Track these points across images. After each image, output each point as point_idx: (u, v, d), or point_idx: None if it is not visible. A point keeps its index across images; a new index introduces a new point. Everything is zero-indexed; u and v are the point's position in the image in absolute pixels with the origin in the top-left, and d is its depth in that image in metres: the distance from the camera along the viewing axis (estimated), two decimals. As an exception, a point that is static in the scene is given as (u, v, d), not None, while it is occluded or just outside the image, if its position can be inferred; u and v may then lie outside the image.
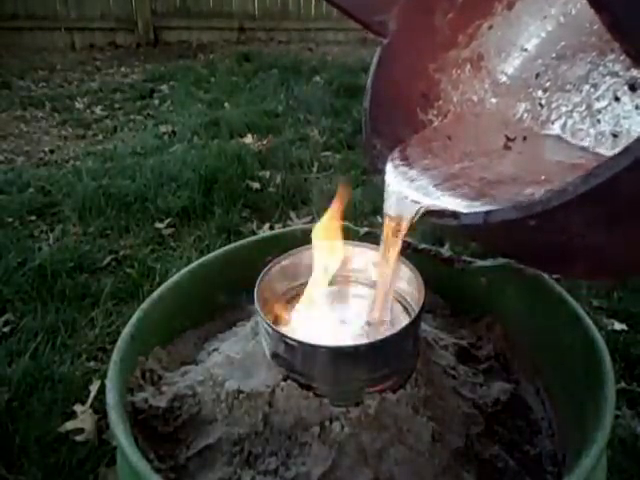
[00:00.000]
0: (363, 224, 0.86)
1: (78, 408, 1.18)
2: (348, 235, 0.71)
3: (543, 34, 0.63)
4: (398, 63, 0.61)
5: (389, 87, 0.61)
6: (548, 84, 0.61)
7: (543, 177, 0.49)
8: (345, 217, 0.68)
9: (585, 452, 0.49)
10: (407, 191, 0.51)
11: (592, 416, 0.54)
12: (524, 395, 0.68)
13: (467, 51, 0.64)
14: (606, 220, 0.36)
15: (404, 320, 0.63)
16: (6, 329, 1.43)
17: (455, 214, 0.45)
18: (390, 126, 0.60)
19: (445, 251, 0.79)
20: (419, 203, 0.49)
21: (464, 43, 0.64)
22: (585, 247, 0.40)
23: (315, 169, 2.37)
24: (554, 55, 0.62)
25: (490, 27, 0.64)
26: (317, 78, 3.58)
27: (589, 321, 0.63)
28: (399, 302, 0.68)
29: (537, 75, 0.62)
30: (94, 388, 1.22)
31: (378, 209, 1.95)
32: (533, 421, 0.65)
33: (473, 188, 0.49)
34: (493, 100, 0.64)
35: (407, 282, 0.66)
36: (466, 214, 0.45)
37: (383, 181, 0.55)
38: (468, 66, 0.64)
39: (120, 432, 0.53)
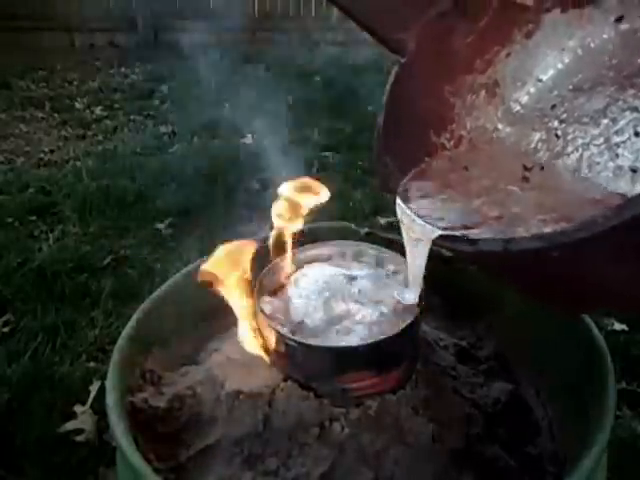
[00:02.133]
0: (363, 224, 0.86)
1: (78, 408, 1.17)
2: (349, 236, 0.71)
3: (560, 65, 0.63)
4: (415, 82, 0.60)
5: (404, 106, 0.60)
6: (564, 115, 0.60)
7: (563, 215, 0.47)
8: (345, 217, 0.67)
9: (585, 453, 0.49)
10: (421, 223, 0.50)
11: (592, 416, 0.54)
12: (524, 395, 0.68)
13: (484, 77, 0.63)
14: (634, 252, 0.36)
15: (404, 320, 0.63)
16: (6, 329, 1.43)
17: (472, 240, 0.44)
18: (402, 145, 0.59)
19: (445, 251, 0.79)
20: (437, 229, 0.48)
21: (481, 68, 0.63)
22: (605, 284, 0.40)
23: (315, 169, 2.37)
24: (571, 87, 0.61)
25: (508, 55, 0.63)
26: (317, 78, 3.58)
27: (589, 321, 0.63)
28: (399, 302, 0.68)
29: (553, 106, 0.61)
30: (94, 388, 1.21)
31: (378, 209, 1.94)
32: (533, 421, 0.65)
33: (490, 226, 0.48)
34: (507, 129, 0.63)
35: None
36: (485, 240, 0.43)
37: (395, 203, 0.53)
38: (483, 92, 0.63)
39: (120, 432, 0.53)
